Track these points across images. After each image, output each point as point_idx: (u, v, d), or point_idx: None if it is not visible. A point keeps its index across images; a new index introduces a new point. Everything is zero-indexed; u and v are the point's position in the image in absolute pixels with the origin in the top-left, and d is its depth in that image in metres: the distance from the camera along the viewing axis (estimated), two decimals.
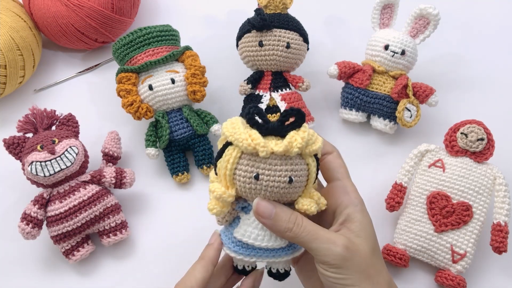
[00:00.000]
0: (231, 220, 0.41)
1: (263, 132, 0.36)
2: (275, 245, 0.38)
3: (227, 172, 0.37)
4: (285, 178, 0.36)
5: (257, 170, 0.36)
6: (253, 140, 0.35)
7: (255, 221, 0.39)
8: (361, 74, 0.60)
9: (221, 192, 0.37)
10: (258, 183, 0.36)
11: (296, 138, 0.35)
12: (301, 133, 0.36)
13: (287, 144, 0.35)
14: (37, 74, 0.68)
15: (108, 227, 0.54)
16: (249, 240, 0.38)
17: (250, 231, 0.39)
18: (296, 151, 0.35)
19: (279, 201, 0.38)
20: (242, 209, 0.39)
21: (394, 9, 0.61)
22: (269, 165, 0.36)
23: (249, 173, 0.36)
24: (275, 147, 0.35)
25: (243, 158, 0.36)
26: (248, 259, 0.40)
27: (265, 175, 0.36)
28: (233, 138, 0.36)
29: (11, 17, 0.62)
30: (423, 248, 0.53)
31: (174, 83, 0.57)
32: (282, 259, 0.40)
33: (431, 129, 0.63)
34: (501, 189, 0.53)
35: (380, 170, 0.61)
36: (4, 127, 0.63)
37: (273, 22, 0.57)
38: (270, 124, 0.36)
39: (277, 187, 0.36)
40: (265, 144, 0.35)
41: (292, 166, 0.36)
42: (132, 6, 0.67)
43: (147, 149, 0.58)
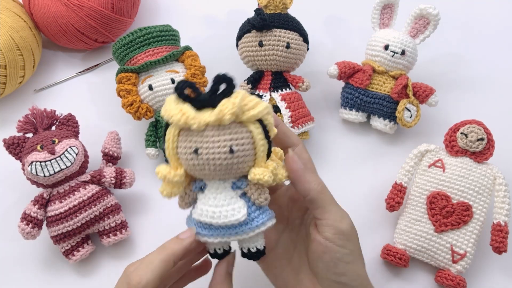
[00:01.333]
0: (191, 202, 0.39)
1: (195, 105, 0.35)
2: (233, 220, 0.36)
3: (170, 152, 0.36)
4: (224, 148, 0.35)
5: (195, 144, 0.35)
6: (183, 114, 0.34)
7: (209, 199, 0.37)
8: (361, 74, 0.60)
9: (165, 172, 0.37)
10: (199, 158, 0.35)
11: (227, 105, 0.34)
12: (233, 99, 0.34)
13: (218, 113, 0.34)
14: (37, 74, 0.68)
15: (108, 227, 0.54)
16: (206, 219, 0.37)
17: (205, 209, 0.37)
18: (228, 117, 0.34)
19: (229, 175, 0.37)
20: (200, 189, 0.38)
21: (394, 9, 0.61)
22: (206, 137, 0.35)
23: (188, 149, 0.35)
24: (207, 117, 0.34)
25: (181, 135, 0.36)
26: (212, 240, 0.38)
27: (203, 148, 0.35)
28: (167, 116, 0.35)
29: (11, 17, 0.62)
30: (423, 248, 0.53)
31: (174, 83, 0.57)
32: (247, 236, 0.38)
33: (431, 129, 0.63)
34: (501, 189, 0.53)
35: (380, 170, 0.61)
36: (4, 127, 0.63)
37: (273, 22, 0.57)
38: (201, 96, 0.35)
39: (218, 158, 0.35)
40: (195, 115, 0.34)
41: (231, 136, 0.35)
42: (132, 6, 0.67)
43: (147, 149, 0.58)
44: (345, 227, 0.39)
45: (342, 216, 0.39)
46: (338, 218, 0.39)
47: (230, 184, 0.37)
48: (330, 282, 0.40)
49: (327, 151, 0.61)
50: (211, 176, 0.37)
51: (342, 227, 0.39)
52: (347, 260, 0.39)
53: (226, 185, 0.37)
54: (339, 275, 0.40)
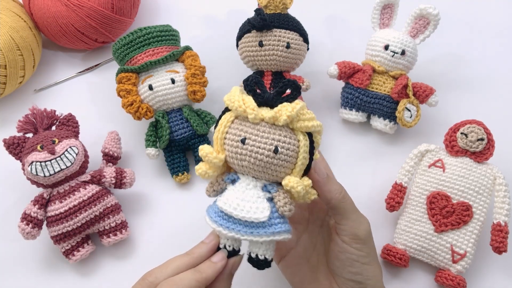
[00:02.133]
0: (218, 191, 0.40)
1: (258, 101, 0.37)
2: (253, 217, 0.37)
3: (219, 135, 0.38)
4: (270, 146, 0.36)
5: (245, 134, 0.37)
6: (245, 103, 0.37)
7: (238, 192, 0.38)
8: (361, 74, 0.60)
9: (208, 151, 0.38)
10: (244, 147, 0.37)
11: (287, 107, 0.36)
12: (293, 104, 0.37)
13: (276, 111, 0.36)
14: (37, 74, 0.68)
15: (108, 227, 0.54)
16: (228, 208, 0.38)
17: (231, 200, 0.38)
18: (284, 119, 0.36)
19: (265, 174, 0.38)
20: (232, 181, 0.39)
21: (394, 9, 0.61)
22: (257, 130, 0.37)
23: (237, 136, 0.37)
24: (264, 113, 0.36)
25: (235, 122, 0.38)
26: (226, 232, 0.38)
27: (251, 140, 0.36)
28: (228, 102, 0.38)
29: (11, 17, 0.62)
30: (423, 248, 0.53)
31: (174, 83, 0.57)
32: (261, 239, 0.38)
33: (431, 129, 0.63)
34: (501, 189, 0.53)
35: (380, 170, 0.61)
36: (4, 127, 0.63)
37: (273, 22, 0.57)
38: (266, 94, 0.37)
39: (261, 154, 0.36)
40: (255, 108, 0.36)
41: (280, 137, 0.37)
42: (132, 6, 0.67)
43: (147, 149, 0.58)
44: (362, 233, 0.41)
45: (360, 223, 0.42)
46: (356, 225, 0.41)
47: (262, 184, 0.39)
48: (346, 280, 0.43)
49: (327, 151, 0.61)
50: (248, 170, 0.38)
51: (359, 233, 0.41)
52: (363, 261, 0.42)
53: (258, 184, 0.38)
54: (355, 274, 0.42)
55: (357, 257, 0.42)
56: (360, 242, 0.41)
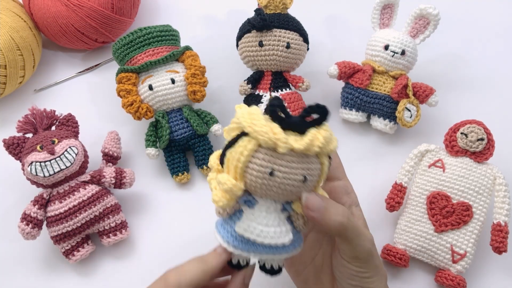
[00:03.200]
0: (232, 213, 0.38)
1: (283, 126, 0.34)
2: (278, 243, 0.36)
3: (239, 164, 0.35)
4: (300, 176, 0.35)
5: (273, 166, 0.34)
6: (275, 135, 0.33)
7: (259, 217, 0.36)
8: (361, 74, 0.60)
9: (231, 185, 0.35)
10: (271, 179, 0.34)
11: (318, 137, 0.34)
12: (323, 132, 0.34)
13: (308, 143, 0.34)
14: (37, 74, 0.68)
15: (108, 227, 0.54)
16: (251, 236, 0.36)
17: (253, 226, 0.36)
18: (316, 150, 0.34)
19: (287, 197, 0.36)
20: (245, 202, 0.37)
21: (394, 9, 0.61)
22: (286, 162, 0.34)
23: (264, 168, 0.34)
24: (296, 144, 0.33)
25: (259, 151, 0.34)
26: (246, 255, 0.38)
27: (280, 172, 0.34)
28: (251, 130, 0.34)
29: (11, 17, 0.62)
30: (423, 248, 0.53)
31: (174, 83, 0.57)
32: (281, 257, 0.38)
33: (431, 129, 0.63)
34: (501, 189, 0.53)
35: (380, 170, 0.61)
36: (4, 127, 0.63)
37: (273, 22, 0.57)
38: (292, 119, 0.34)
39: (290, 185, 0.35)
40: (286, 140, 0.33)
41: (308, 165, 0.35)
42: (132, 6, 0.67)
43: (147, 149, 0.58)
44: (361, 255, 0.39)
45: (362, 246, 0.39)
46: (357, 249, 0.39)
47: (281, 206, 0.37)
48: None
49: None
50: (271, 196, 0.36)
51: (359, 256, 0.39)
52: (363, 276, 0.40)
53: (277, 207, 0.37)
54: (355, 286, 0.41)
55: (357, 273, 0.40)
56: (361, 262, 0.39)
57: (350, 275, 0.40)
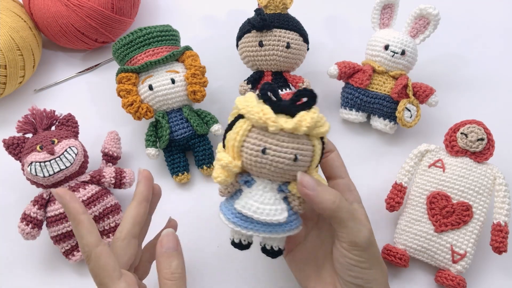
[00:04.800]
0: (233, 192, 0.41)
1: (274, 109, 0.37)
2: (274, 220, 0.39)
3: (235, 143, 0.38)
4: (290, 155, 0.37)
5: (265, 144, 0.37)
6: (265, 115, 0.37)
7: (256, 195, 0.39)
8: (361, 74, 0.60)
9: (227, 161, 0.38)
10: (264, 157, 0.37)
11: (306, 117, 0.37)
12: (311, 113, 0.37)
13: (296, 122, 0.37)
14: (37, 74, 0.68)
15: (108, 227, 0.54)
16: (248, 212, 0.39)
17: (250, 203, 0.39)
18: (304, 130, 0.37)
19: (281, 178, 0.39)
20: (245, 183, 0.40)
21: (394, 9, 0.61)
22: (277, 140, 0.37)
23: (256, 146, 0.37)
24: (285, 124, 0.37)
25: (253, 131, 0.38)
26: (245, 232, 0.40)
27: (272, 150, 0.37)
28: (245, 111, 0.38)
29: (11, 17, 0.62)
30: (423, 248, 0.53)
31: (174, 83, 0.57)
32: (278, 236, 0.41)
33: (431, 129, 0.63)
34: (501, 189, 0.53)
35: (380, 170, 0.61)
36: (4, 127, 0.63)
37: (273, 22, 0.57)
38: (282, 102, 0.38)
39: (282, 163, 0.37)
40: (275, 119, 0.37)
41: (299, 145, 0.38)
42: (132, 6, 0.67)
43: (147, 149, 0.58)
44: (360, 241, 0.40)
45: (359, 230, 0.40)
46: (354, 233, 0.40)
47: (277, 186, 0.40)
48: (347, 282, 0.42)
49: None
50: (265, 175, 0.39)
51: (358, 241, 0.40)
52: (362, 266, 0.41)
53: (274, 186, 0.40)
54: (354, 277, 0.42)
55: (356, 262, 0.41)
56: (360, 249, 0.40)
57: (349, 265, 0.41)
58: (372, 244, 0.41)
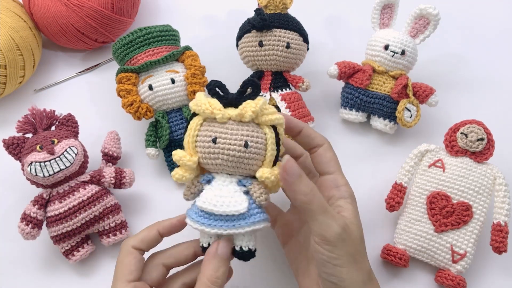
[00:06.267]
0: (196, 193, 0.42)
1: (222, 102, 0.40)
2: (233, 210, 0.39)
3: (189, 139, 0.40)
4: (240, 141, 0.39)
5: (215, 134, 0.39)
6: (211, 105, 0.39)
7: (215, 189, 0.40)
8: (361, 74, 0.60)
9: (181, 155, 0.40)
10: (216, 146, 0.39)
11: (251, 104, 0.39)
12: (256, 101, 0.40)
13: (241, 109, 0.39)
14: (37, 74, 0.68)
15: (108, 227, 0.54)
16: (208, 206, 0.40)
17: (210, 198, 0.40)
18: (249, 115, 0.39)
19: (238, 169, 0.40)
20: (208, 182, 0.41)
21: (394, 9, 0.61)
22: (226, 129, 0.39)
23: (207, 137, 0.39)
24: (231, 112, 0.39)
25: (204, 125, 0.40)
26: (209, 230, 0.40)
27: (221, 138, 0.39)
28: (195, 107, 0.40)
29: (11, 17, 0.62)
30: (423, 248, 0.53)
31: (174, 83, 0.57)
32: (242, 230, 0.40)
33: (431, 129, 0.63)
34: (501, 189, 0.53)
35: (380, 170, 0.61)
36: (3, 127, 0.63)
37: (273, 22, 0.57)
38: (230, 95, 0.40)
39: (233, 150, 0.39)
40: (221, 108, 0.39)
41: (248, 132, 0.39)
42: (132, 6, 0.67)
43: (147, 149, 0.58)
44: (329, 235, 0.39)
45: (328, 225, 0.39)
46: (323, 227, 0.39)
47: (237, 180, 0.41)
48: (323, 279, 0.42)
49: None
50: (221, 167, 0.40)
51: (328, 236, 0.39)
52: (334, 263, 0.40)
53: (233, 180, 0.41)
54: (328, 274, 0.41)
55: (328, 258, 0.40)
56: (330, 244, 0.39)
57: (322, 261, 0.40)
58: (345, 242, 0.40)
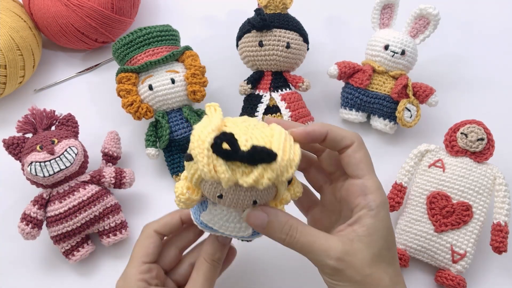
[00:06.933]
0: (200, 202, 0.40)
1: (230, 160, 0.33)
2: (238, 236, 0.39)
3: (193, 182, 0.36)
4: (249, 201, 0.36)
5: (221, 192, 0.35)
6: (217, 173, 0.33)
7: (220, 214, 0.38)
8: (361, 74, 0.60)
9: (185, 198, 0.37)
10: (221, 202, 0.36)
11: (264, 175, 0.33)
12: (270, 171, 0.33)
13: (254, 180, 0.33)
14: (37, 74, 0.68)
15: (108, 227, 0.54)
16: (214, 226, 0.39)
17: (215, 220, 0.39)
18: (266, 183, 0.33)
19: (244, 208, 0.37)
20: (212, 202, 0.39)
21: (394, 9, 0.61)
22: (233, 190, 0.35)
23: (213, 193, 0.35)
24: (241, 180, 0.33)
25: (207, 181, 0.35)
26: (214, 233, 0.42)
27: (228, 198, 0.35)
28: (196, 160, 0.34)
29: (11, 17, 0.62)
30: (423, 248, 0.53)
31: (174, 83, 0.57)
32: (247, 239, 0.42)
33: (431, 129, 0.63)
34: (501, 189, 0.53)
35: (380, 170, 0.60)
36: (4, 127, 0.63)
37: (273, 22, 0.57)
38: (239, 153, 0.33)
39: (241, 206, 0.36)
40: (229, 179, 0.33)
41: (258, 192, 0.35)
42: (132, 6, 0.67)
43: (147, 149, 0.58)
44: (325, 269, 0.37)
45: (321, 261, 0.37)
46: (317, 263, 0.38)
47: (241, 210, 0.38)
48: None
49: None
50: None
51: (322, 269, 0.38)
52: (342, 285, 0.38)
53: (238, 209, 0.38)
54: None
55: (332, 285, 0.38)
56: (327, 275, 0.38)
57: (329, 283, 0.39)
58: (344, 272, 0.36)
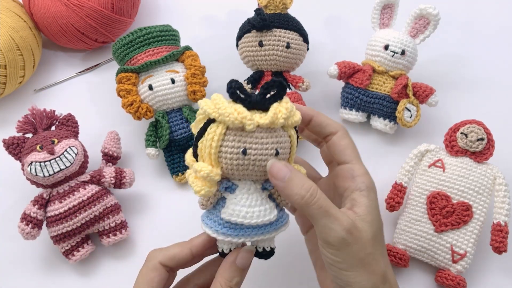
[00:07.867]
0: (215, 202, 0.39)
1: (246, 106, 0.35)
2: (265, 220, 0.38)
3: (212, 150, 0.36)
4: (272, 150, 0.36)
5: (244, 144, 0.35)
6: (239, 114, 0.35)
7: (242, 199, 0.37)
8: (361, 74, 0.60)
9: (208, 170, 0.36)
10: (246, 158, 0.36)
11: (281, 109, 0.35)
12: (284, 104, 0.36)
13: (272, 116, 0.35)
14: (37, 74, 0.68)
15: (108, 227, 0.54)
16: (238, 219, 0.37)
17: (238, 209, 0.37)
18: (281, 122, 0.35)
19: (264, 176, 0.37)
20: (226, 189, 0.38)
21: (394, 9, 0.61)
22: (256, 138, 0.36)
23: (236, 149, 0.36)
24: (261, 120, 0.35)
25: (228, 134, 0.36)
26: (236, 240, 0.38)
27: (252, 149, 0.36)
28: (217, 114, 0.35)
29: (11, 17, 0.62)
30: (423, 248, 0.53)
31: (174, 83, 0.57)
32: (270, 235, 0.39)
33: (431, 129, 0.63)
34: (501, 189, 0.53)
35: (380, 170, 0.61)
36: (4, 127, 0.63)
37: (273, 22, 0.57)
38: (253, 97, 0.35)
39: (264, 160, 0.36)
40: (251, 117, 0.35)
41: (278, 138, 0.36)
42: (132, 6, 0.67)
43: (147, 149, 0.58)
44: (332, 240, 0.37)
45: (330, 229, 0.37)
46: (325, 231, 0.37)
47: (261, 185, 0.38)
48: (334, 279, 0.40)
49: None
50: (249, 176, 0.37)
51: (329, 240, 0.37)
52: (339, 267, 0.38)
53: (257, 186, 0.38)
54: (335, 277, 0.39)
55: (332, 261, 0.38)
56: (333, 248, 0.37)
57: (328, 264, 0.38)
58: (350, 246, 0.37)
